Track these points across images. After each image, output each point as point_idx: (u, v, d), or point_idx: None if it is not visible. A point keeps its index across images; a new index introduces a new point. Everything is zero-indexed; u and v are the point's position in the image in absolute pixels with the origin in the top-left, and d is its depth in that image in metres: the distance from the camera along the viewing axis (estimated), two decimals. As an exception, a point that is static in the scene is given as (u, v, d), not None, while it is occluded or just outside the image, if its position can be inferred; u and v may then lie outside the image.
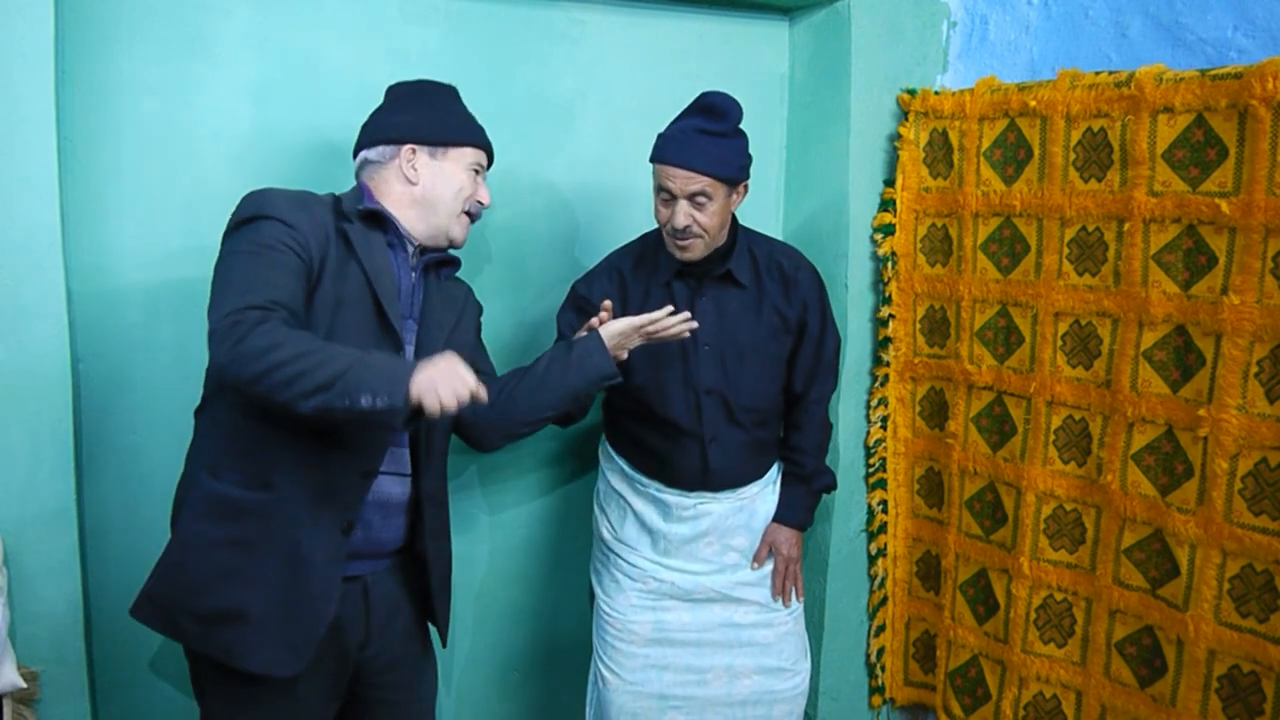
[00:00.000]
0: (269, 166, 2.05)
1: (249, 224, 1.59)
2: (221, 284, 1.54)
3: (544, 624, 2.55)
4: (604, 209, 2.41)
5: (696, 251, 1.97)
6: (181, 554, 1.61)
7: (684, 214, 1.90)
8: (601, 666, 2.13)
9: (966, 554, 2.36)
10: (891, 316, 2.44)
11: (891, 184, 2.42)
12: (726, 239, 2.04)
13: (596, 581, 2.23)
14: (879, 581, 2.56)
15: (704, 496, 2.11)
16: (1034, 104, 2.10)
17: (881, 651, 2.60)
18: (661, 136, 1.95)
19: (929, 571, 2.50)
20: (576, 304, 2.10)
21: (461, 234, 1.81)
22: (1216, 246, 1.84)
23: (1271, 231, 1.74)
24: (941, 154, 2.33)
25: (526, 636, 2.54)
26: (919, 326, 2.43)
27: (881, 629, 2.59)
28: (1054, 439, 2.15)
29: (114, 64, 1.92)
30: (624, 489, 2.16)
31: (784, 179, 2.63)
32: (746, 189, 2.01)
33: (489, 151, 1.85)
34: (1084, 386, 2.09)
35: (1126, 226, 1.97)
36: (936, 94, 2.33)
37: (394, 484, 1.74)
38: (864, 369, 2.50)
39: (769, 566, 2.17)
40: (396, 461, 1.75)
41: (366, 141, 1.79)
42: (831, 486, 2.27)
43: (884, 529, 2.53)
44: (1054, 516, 2.17)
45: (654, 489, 2.13)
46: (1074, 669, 2.17)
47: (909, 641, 2.58)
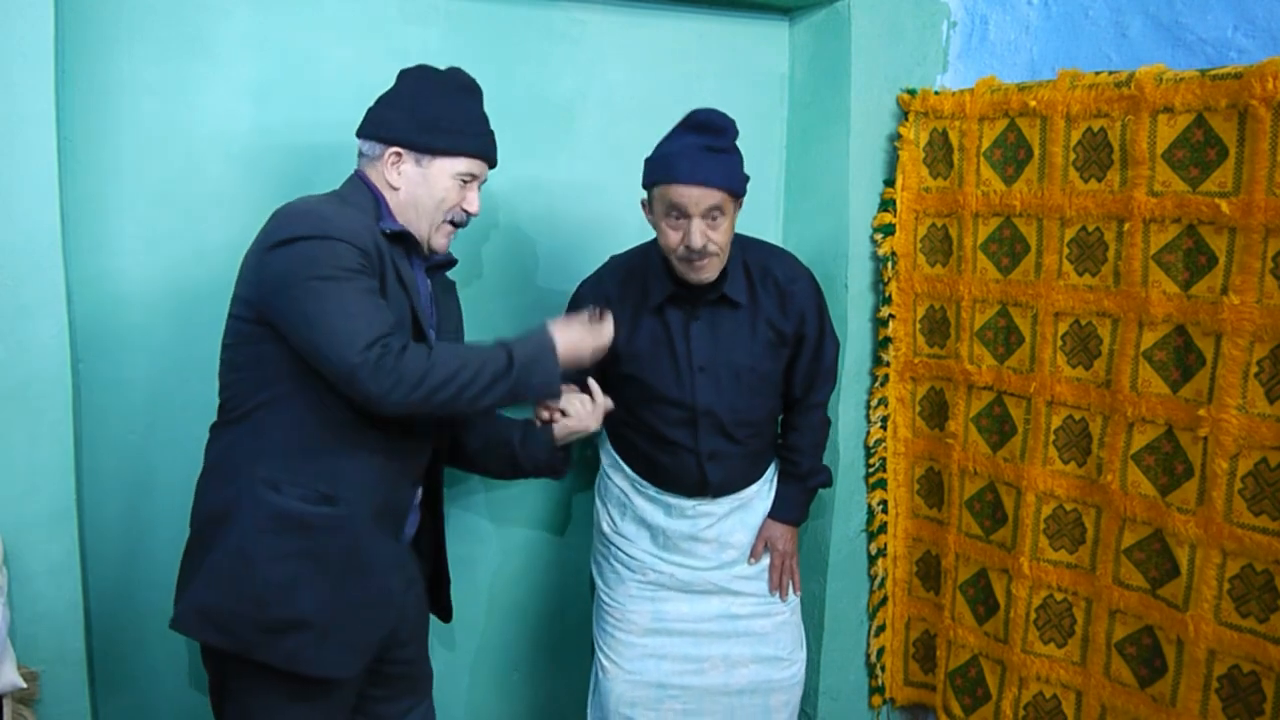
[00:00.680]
0: (269, 166, 2.05)
1: (318, 244, 1.55)
2: (333, 315, 1.52)
3: (545, 624, 2.55)
4: (604, 209, 2.41)
5: (712, 270, 1.94)
6: (243, 567, 1.59)
7: (700, 233, 1.86)
8: (601, 656, 2.15)
9: (966, 554, 2.36)
10: (891, 316, 2.44)
11: (891, 184, 2.42)
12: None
13: (597, 573, 2.24)
14: (879, 581, 2.56)
15: (703, 500, 2.12)
16: (1034, 104, 2.10)
17: (881, 651, 2.60)
18: (666, 157, 1.88)
19: (929, 571, 2.50)
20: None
21: (443, 243, 1.77)
22: (1216, 246, 1.84)
23: (1271, 231, 1.74)
24: (941, 154, 2.33)
25: (527, 636, 2.54)
26: (919, 326, 2.43)
27: (881, 629, 2.59)
28: (1054, 439, 2.15)
29: (114, 64, 1.92)
30: (624, 486, 2.17)
31: (784, 179, 2.63)
32: (741, 203, 2.00)
33: (486, 159, 1.77)
34: (1084, 386, 2.09)
35: (1126, 226, 1.97)
36: (936, 94, 2.33)
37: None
38: (864, 369, 2.50)
39: (766, 561, 2.18)
40: None
41: (363, 130, 1.74)
42: (827, 483, 2.27)
43: (884, 529, 2.53)
44: (1054, 516, 2.17)
45: (653, 491, 2.14)
46: (1074, 669, 2.17)
47: (909, 641, 2.58)
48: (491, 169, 1.82)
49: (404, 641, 1.85)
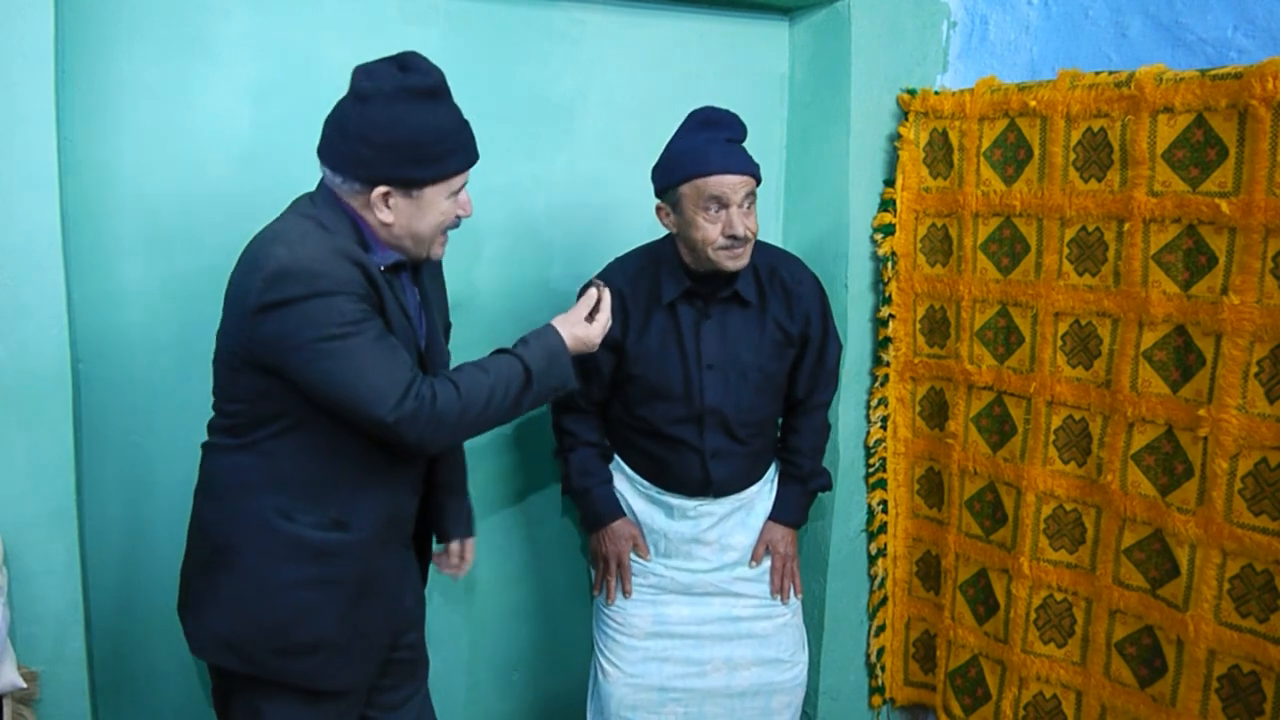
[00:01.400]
0: (269, 166, 2.05)
1: (316, 303, 1.47)
2: (352, 375, 1.49)
3: (544, 624, 2.55)
4: (604, 209, 2.41)
5: (746, 258, 1.98)
6: (257, 596, 1.59)
7: (740, 220, 1.91)
8: (602, 659, 2.14)
9: (966, 554, 2.36)
10: (891, 316, 2.44)
11: (891, 184, 2.42)
12: None
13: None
14: (879, 581, 2.56)
15: (705, 500, 2.12)
16: (1034, 104, 2.10)
17: (881, 651, 2.60)
18: (693, 152, 1.90)
19: (929, 571, 2.50)
20: None
21: (441, 251, 1.71)
22: (1216, 246, 1.84)
23: (1271, 231, 1.74)
24: (941, 154, 2.33)
25: (526, 636, 2.54)
26: (919, 326, 2.43)
27: (881, 629, 2.59)
28: (1054, 439, 2.15)
29: (114, 64, 1.92)
30: (624, 489, 2.17)
31: (784, 179, 2.63)
32: None
33: (473, 163, 1.65)
34: (1084, 386, 2.09)
35: (1126, 226, 1.97)
36: (936, 94, 2.33)
37: None
38: (864, 369, 2.50)
39: (767, 563, 2.18)
40: None
41: (332, 161, 1.58)
42: (827, 486, 2.27)
43: (884, 529, 2.53)
44: (1054, 516, 2.17)
45: (654, 492, 2.14)
46: (1074, 669, 2.17)
47: (909, 641, 2.58)
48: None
49: (406, 629, 1.86)
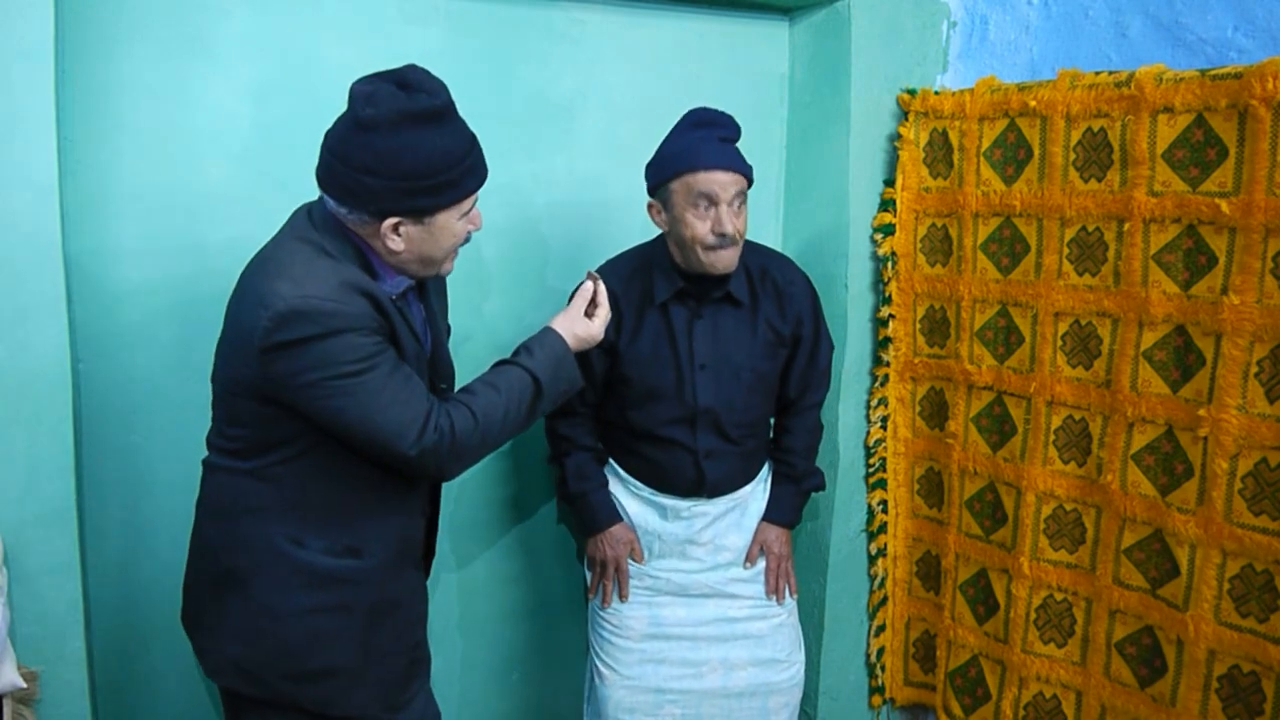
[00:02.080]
0: (269, 166, 2.05)
1: (329, 342, 1.45)
2: (371, 411, 1.49)
3: (544, 624, 2.55)
4: (604, 209, 2.41)
5: (733, 259, 1.96)
6: (269, 622, 1.58)
7: (729, 219, 1.90)
8: (598, 662, 2.14)
9: (966, 554, 2.36)
10: (891, 316, 2.44)
11: (891, 184, 2.42)
12: None
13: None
14: (879, 581, 2.56)
15: (699, 500, 2.12)
16: (1034, 104, 2.10)
17: (881, 651, 2.60)
18: (685, 149, 1.90)
19: (929, 571, 2.50)
20: None
21: (451, 267, 1.68)
22: (1216, 246, 1.84)
23: (1271, 231, 1.74)
24: (941, 154, 2.33)
25: (526, 636, 2.54)
26: (919, 326, 2.43)
27: (881, 629, 2.59)
28: (1054, 439, 2.15)
29: (114, 64, 1.92)
30: (618, 490, 2.17)
31: (784, 179, 2.63)
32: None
33: (484, 182, 1.60)
34: (1084, 386, 2.09)
35: (1126, 226, 1.97)
36: (936, 94, 2.33)
37: None
38: (864, 369, 2.50)
39: (762, 564, 2.18)
40: None
41: (336, 193, 1.50)
42: (821, 486, 2.27)
43: (884, 529, 2.53)
44: (1054, 516, 2.17)
45: (648, 493, 2.14)
46: (1074, 669, 2.17)
47: (909, 641, 2.58)
48: None
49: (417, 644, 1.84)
